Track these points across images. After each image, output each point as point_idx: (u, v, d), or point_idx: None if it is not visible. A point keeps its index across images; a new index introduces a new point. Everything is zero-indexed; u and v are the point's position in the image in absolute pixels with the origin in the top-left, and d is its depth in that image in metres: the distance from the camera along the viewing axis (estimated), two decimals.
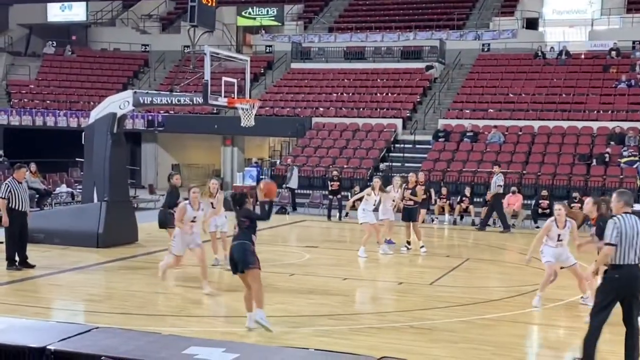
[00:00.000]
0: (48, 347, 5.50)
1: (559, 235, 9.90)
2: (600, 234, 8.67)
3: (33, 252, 12.47)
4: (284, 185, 23.76)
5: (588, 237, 9.34)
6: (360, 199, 14.53)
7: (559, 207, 9.95)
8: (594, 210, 9.08)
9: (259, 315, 8.04)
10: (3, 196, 11.66)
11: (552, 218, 10.00)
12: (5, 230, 11.85)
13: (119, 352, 5.39)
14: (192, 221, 10.39)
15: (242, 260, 8.10)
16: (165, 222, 12.57)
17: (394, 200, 14.87)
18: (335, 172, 22.03)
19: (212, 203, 12.31)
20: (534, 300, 10.10)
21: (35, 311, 9.10)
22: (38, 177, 20.25)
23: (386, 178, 20.03)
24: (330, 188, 21.37)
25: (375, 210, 14.57)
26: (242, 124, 14.94)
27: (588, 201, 9.38)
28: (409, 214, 14.86)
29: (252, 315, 8.21)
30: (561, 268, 10.21)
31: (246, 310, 8.33)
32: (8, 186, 11.74)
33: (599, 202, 9.23)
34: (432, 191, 20.23)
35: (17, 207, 11.76)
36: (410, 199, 14.79)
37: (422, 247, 14.66)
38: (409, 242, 14.81)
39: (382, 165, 23.35)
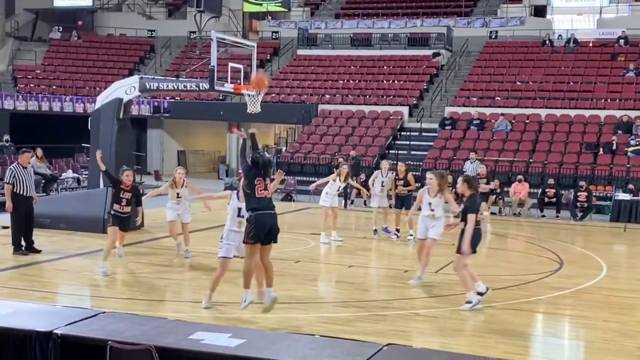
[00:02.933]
0: (55, 331, 5.54)
1: (430, 204, 10.15)
2: (464, 211, 8.95)
3: (39, 237, 12.51)
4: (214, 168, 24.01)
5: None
6: (341, 183, 14.62)
7: (430, 176, 10.32)
8: (465, 188, 9.09)
9: (273, 294, 7.81)
10: (7, 181, 11.68)
11: (426, 187, 10.45)
12: (11, 215, 11.88)
13: (125, 336, 5.43)
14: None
15: (277, 231, 7.76)
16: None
17: (383, 185, 14.75)
18: (340, 160, 21.97)
19: (177, 194, 11.82)
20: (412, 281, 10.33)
21: (42, 296, 9.14)
22: (44, 162, 20.26)
23: (356, 165, 20.01)
24: None
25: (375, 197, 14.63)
26: (248, 111, 14.90)
27: (460, 180, 9.34)
28: (402, 202, 14.77)
29: (269, 291, 7.86)
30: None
31: (258, 286, 7.97)
32: (12, 171, 11.76)
33: (469, 180, 9.23)
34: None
35: (21, 192, 11.78)
36: (403, 189, 14.69)
37: (411, 235, 14.63)
38: (398, 230, 14.79)
39: (352, 153, 23.21)
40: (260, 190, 7.50)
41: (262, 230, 7.54)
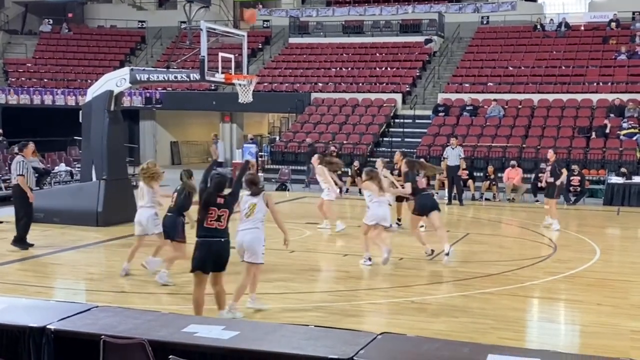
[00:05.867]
0: (48, 326, 5.52)
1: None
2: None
3: (33, 231, 12.46)
4: (211, 159, 24.20)
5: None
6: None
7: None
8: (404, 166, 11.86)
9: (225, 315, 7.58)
10: (21, 173, 11.62)
11: None
12: (26, 207, 11.74)
13: (118, 330, 5.41)
14: None
15: (225, 260, 7.41)
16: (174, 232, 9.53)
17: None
18: (333, 148, 21.94)
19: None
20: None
21: (36, 290, 9.12)
22: (37, 156, 20.13)
23: (311, 152, 19.96)
24: None
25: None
26: (239, 100, 14.85)
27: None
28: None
29: (221, 313, 7.59)
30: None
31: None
32: (24, 163, 11.72)
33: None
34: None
35: (29, 185, 11.77)
36: (398, 180, 14.26)
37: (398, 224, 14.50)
38: (399, 220, 14.60)
39: (307, 140, 23.20)
40: (210, 221, 7.15)
41: (206, 258, 7.23)
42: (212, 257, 7.27)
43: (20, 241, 11.77)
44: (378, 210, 10.77)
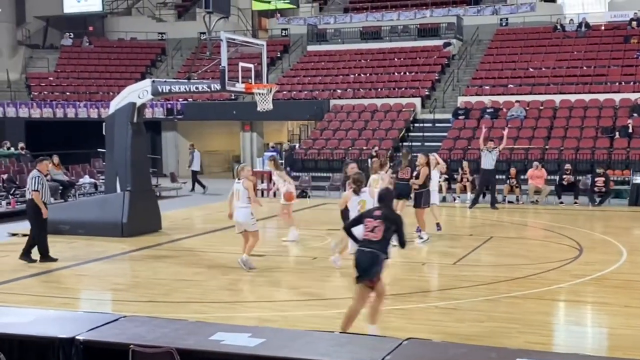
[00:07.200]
0: (77, 337, 5.59)
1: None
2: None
3: (59, 244, 12.61)
4: (187, 168, 25.02)
5: None
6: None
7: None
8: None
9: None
10: (36, 188, 11.74)
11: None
12: (41, 223, 11.86)
13: (146, 340, 5.47)
14: None
15: (367, 270, 7.23)
16: None
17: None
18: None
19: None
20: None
21: (63, 302, 9.21)
22: (61, 169, 20.40)
23: (290, 156, 19.86)
24: None
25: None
26: (258, 109, 14.87)
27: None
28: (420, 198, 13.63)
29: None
30: None
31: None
32: (40, 178, 11.84)
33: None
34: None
35: (44, 200, 11.89)
36: (414, 183, 13.51)
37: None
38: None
39: (285, 145, 23.29)
40: (366, 232, 7.17)
41: (357, 269, 7.19)
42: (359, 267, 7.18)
43: (45, 256, 11.88)
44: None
